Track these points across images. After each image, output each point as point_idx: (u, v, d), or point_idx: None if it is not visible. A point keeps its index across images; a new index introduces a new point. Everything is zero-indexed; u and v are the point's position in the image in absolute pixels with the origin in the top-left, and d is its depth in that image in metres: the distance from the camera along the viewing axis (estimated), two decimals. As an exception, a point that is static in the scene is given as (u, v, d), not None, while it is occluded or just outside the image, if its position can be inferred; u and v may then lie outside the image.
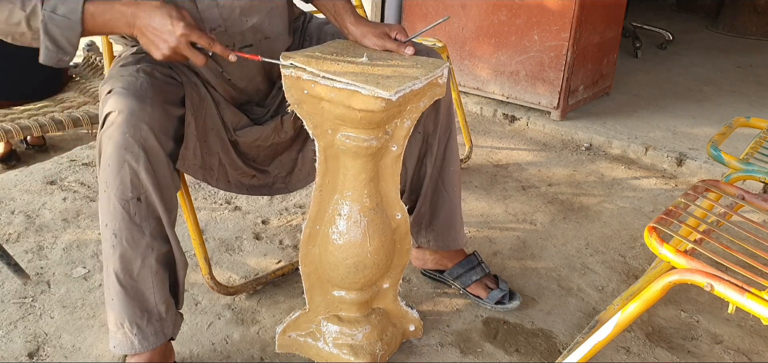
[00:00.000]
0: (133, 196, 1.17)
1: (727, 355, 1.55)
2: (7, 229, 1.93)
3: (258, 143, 1.43)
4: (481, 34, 3.07)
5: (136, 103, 1.15)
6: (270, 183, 1.52)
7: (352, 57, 1.24)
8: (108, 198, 1.17)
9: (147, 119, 1.15)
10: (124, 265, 1.21)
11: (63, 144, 2.68)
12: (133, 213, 1.18)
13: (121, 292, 1.23)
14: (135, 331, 1.25)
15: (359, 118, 1.14)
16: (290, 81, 1.17)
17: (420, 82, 1.14)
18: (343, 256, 1.30)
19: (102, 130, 1.17)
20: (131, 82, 1.18)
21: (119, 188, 1.16)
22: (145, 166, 1.15)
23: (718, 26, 5.48)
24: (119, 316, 1.24)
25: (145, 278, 1.23)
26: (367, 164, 1.24)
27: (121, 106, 1.14)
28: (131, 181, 1.16)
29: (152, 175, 1.17)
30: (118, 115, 1.14)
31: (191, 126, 1.27)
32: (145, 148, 1.15)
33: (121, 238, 1.19)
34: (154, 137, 1.16)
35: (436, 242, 1.65)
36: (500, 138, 2.88)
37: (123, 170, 1.15)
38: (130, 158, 1.14)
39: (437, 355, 1.49)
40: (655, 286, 1.08)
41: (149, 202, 1.19)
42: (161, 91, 1.20)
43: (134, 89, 1.16)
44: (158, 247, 1.23)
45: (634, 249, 1.99)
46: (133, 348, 1.26)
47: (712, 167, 2.52)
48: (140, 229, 1.19)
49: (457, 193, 1.61)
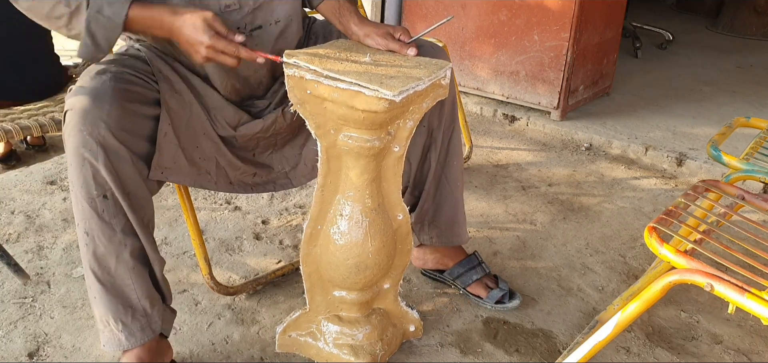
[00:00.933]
0: (99, 193, 1.17)
1: (727, 355, 1.55)
2: (7, 229, 1.93)
3: (258, 135, 1.43)
4: (481, 34, 3.07)
5: (92, 101, 1.14)
6: (273, 179, 1.52)
7: (356, 57, 1.24)
8: (75, 196, 1.18)
9: (104, 117, 1.14)
10: (100, 262, 1.21)
11: (63, 144, 2.67)
12: (102, 210, 1.18)
13: (101, 289, 1.23)
14: (120, 327, 1.25)
15: (362, 118, 1.14)
16: (293, 80, 1.16)
17: (423, 83, 1.14)
18: (344, 257, 1.30)
19: (63, 128, 1.18)
20: (91, 80, 1.18)
21: (83, 186, 1.16)
22: (104, 163, 1.15)
23: (718, 26, 5.48)
24: (103, 313, 1.25)
25: (123, 275, 1.23)
26: (370, 165, 1.24)
27: (77, 105, 1.14)
28: (94, 179, 1.16)
29: (114, 172, 1.16)
30: (75, 114, 1.14)
31: (168, 135, 1.26)
32: (104, 146, 1.14)
33: (93, 236, 1.19)
34: (113, 135, 1.15)
35: (439, 238, 1.65)
36: (500, 138, 2.88)
37: (84, 168, 1.15)
38: (89, 156, 1.14)
39: (437, 355, 1.49)
40: (655, 286, 1.08)
41: (115, 200, 1.19)
42: (125, 90, 1.19)
43: (92, 87, 1.16)
44: (131, 243, 1.23)
45: (634, 249, 1.99)
46: (121, 344, 1.26)
47: (712, 167, 2.52)
48: (110, 226, 1.19)
49: (460, 189, 1.61)
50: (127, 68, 1.24)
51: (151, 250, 1.27)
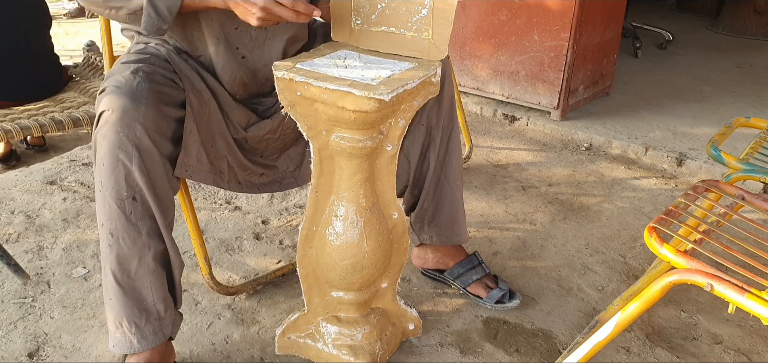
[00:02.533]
0: (129, 195, 1.17)
1: (727, 355, 1.55)
2: (7, 229, 1.93)
3: (267, 136, 1.43)
4: (481, 34, 3.07)
5: (130, 102, 1.15)
6: (279, 178, 1.53)
7: (345, 58, 1.24)
8: (103, 197, 1.17)
9: (141, 119, 1.15)
10: (121, 264, 1.21)
11: (63, 144, 2.68)
12: (129, 212, 1.18)
13: (118, 291, 1.23)
14: (133, 330, 1.25)
15: (353, 119, 1.14)
16: (283, 83, 1.17)
17: (413, 81, 1.15)
18: (340, 257, 1.30)
19: (96, 128, 1.17)
20: (127, 80, 1.18)
21: (114, 188, 1.16)
22: (138, 165, 1.16)
23: (718, 26, 5.48)
24: (118, 315, 1.24)
25: (143, 277, 1.23)
26: (362, 164, 1.24)
27: (115, 105, 1.15)
28: (126, 180, 1.16)
29: (146, 174, 1.17)
30: (112, 114, 1.15)
31: (193, 133, 1.27)
32: (139, 148, 1.15)
33: (118, 237, 1.19)
34: (148, 137, 1.16)
35: (439, 237, 1.65)
36: (500, 138, 2.88)
37: (117, 169, 1.15)
38: (124, 157, 1.14)
39: (437, 355, 1.49)
40: (655, 286, 1.08)
41: (144, 202, 1.19)
42: (158, 92, 1.21)
43: (129, 88, 1.17)
44: (155, 246, 1.23)
45: (634, 249, 1.99)
46: (132, 347, 1.26)
47: (712, 167, 2.52)
48: (136, 228, 1.20)
49: (460, 188, 1.61)
50: (156, 67, 1.26)
51: (174, 253, 1.28)
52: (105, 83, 1.21)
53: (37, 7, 2.20)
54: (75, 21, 5.40)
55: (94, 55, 2.26)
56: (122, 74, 1.21)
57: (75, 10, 5.55)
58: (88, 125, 1.75)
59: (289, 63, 1.18)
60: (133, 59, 1.27)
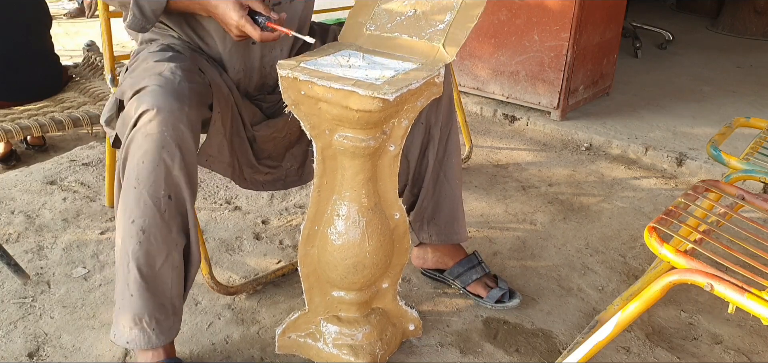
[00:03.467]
0: (166, 193, 1.19)
1: (727, 355, 1.55)
2: (7, 229, 1.93)
3: (274, 136, 1.44)
4: (481, 34, 3.07)
5: (176, 102, 1.16)
6: (283, 177, 1.55)
7: (349, 58, 1.24)
8: (139, 194, 1.18)
9: (185, 119, 1.17)
10: (148, 260, 1.22)
11: (63, 144, 2.68)
12: (164, 210, 1.20)
13: (143, 286, 1.23)
14: (153, 325, 1.26)
15: (356, 118, 1.14)
16: (287, 82, 1.17)
17: (417, 81, 1.15)
18: (341, 257, 1.30)
19: (136, 127, 1.17)
20: (169, 80, 1.19)
21: (153, 185, 1.17)
22: (179, 164, 1.18)
23: (718, 26, 5.48)
24: (139, 310, 1.24)
25: (166, 273, 1.24)
26: (365, 164, 1.24)
27: (161, 104, 1.15)
28: (165, 179, 1.18)
29: (186, 173, 1.19)
30: (158, 113, 1.15)
31: (217, 124, 1.30)
32: (182, 148, 1.17)
33: (150, 235, 1.20)
34: (191, 138, 1.19)
35: (438, 236, 1.65)
36: (500, 138, 2.88)
37: (158, 168, 1.16)
38: (167, 157, 1.16)
39: (437, 355, 1.49)
40: (655, 286, 1.08)
41: (179, 200, 1.21)
42: (198, 92, 1.23)
43: (173, 87, 1.18)
44: (182, 242, 1.26)
45: (634, 249, 1.99)
46: (150, 342, 1.26)
47: (712, 167, 2.52)
48: (168, 226, 1.21)
49: (459, 186, 1.61)
50: (189, 64, 1.27)
51: (196, 250, 1.29)
52: (144, 80, 1.20)
53: (37, 7, 2.20)
54: (75, 21, 5.40)
55: (94, 55, 2.26)
56: (162, 72, 1.21)
57: (75, 10, 5.55)
58: (88, 125, 1.75)
59: (293, 62, 1.18)
60: (164, 57, 1.28)
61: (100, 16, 1.70)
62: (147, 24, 1.26)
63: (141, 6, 1.24)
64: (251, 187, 1.51)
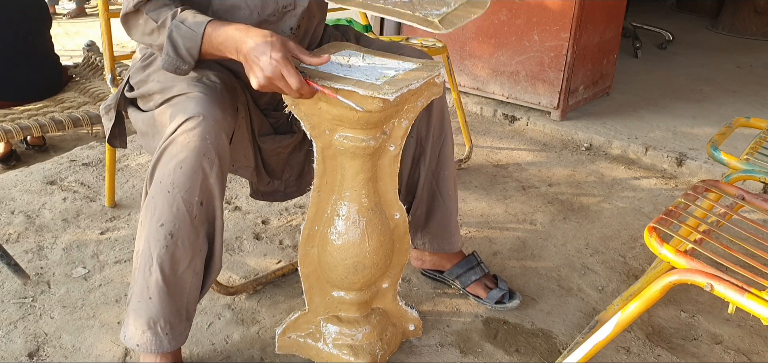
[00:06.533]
0: (199, 199, 1.19)
1: (727, 355, 1.55)
2: (7, 229, 1.93)
3: (278, 151, 1.44)
4: (481, 34, 3.07)
5: (220, 112, 1.17)
6: (282, 188, 1.54)
7: (349, 58, 1.24)
8: (173, 198, 1.17)
9: (226, 129, 1.18)
10: (173, 264, 1.22)
11: (63, 144, 2.68)
12: (195, 216, 1.19)
13: (164, 290, 1.22)
14: (167, 329, 1.25)
15: (357, 118, 1.14)
16: None
17: (417, 82, 1.15)
18: (341, 257, 1.30)
19: (176, 132, 1.16)
20: (211, 88, 1.19)
21: (188, 191, 1.17)
22: (216, 172, 1.18)
23: (718, 26, 5.48)
24: (155, 314, 1.24)
25: (186, 278, 1.24)
26: (365, 164, 1.24)
27: (207, 112, 1.15)
28: (201, 186, 1.18)
29: (221, 181, 1.20)
30: (204, 121, 1.15)
31: (242, 129, 1.30)
32: (221, 157, 1.18)
33: (178, 239, 1.20)
34: (229, 146, 1.20)
35: (431, 245, 1.65)
36: (500, 138, 2.88)
37: (196, 174, 1.16)
38: (206, 164, 1.16)
39: (437, 355, 1.49)
40: (655, 286, 1.08)
41: (210, 207, 1.21)
42: (233, 101, 1.24)
43: (215, 96, 1.18)
44: (207, 249, 1.26)
45: (634, 249, 1.99)
46: (162, 347, 1.26)
47: (712, 167, 2.52)
48: (196, 231, 1.21)
49: (453, 198, 1.60)
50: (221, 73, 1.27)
51: (219, 257, 1.29)
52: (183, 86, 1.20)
53: (37, 7, 2.20)
54: (75, 21, 5.40)
55: (94, 55, 2.27)
56: (202, 81, 1.21)
57: (75, 10, 5.56)
58: (88, 125, 1.75)
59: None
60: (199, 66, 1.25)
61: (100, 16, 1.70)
62: (182, 65, 1.18)
63: (175, 44, 1.16)
64: (253, 196, 1.52)
